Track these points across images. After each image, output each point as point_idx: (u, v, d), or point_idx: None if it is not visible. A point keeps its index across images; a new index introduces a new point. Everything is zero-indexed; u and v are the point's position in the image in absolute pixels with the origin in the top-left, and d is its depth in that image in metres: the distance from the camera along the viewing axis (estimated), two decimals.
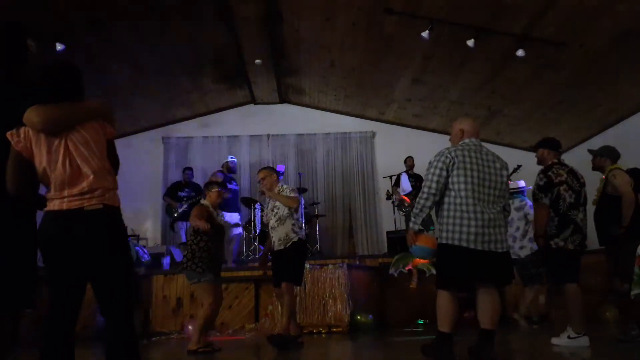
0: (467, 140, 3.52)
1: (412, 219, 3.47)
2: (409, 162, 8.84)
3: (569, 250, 4.09)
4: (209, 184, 5.11)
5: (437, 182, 3.35)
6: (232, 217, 8.09)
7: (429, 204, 3.37)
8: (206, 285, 4.57)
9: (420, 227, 3.49)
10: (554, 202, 4.15)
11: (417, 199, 3.44)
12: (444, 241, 3.36)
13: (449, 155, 3.38)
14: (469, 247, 3.26)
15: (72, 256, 2.10)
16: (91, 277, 2.15)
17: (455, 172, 3.34)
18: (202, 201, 4.95)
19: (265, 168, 5.23)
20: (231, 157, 8.79)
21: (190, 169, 8.97)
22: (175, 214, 8.26)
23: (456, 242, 3.29)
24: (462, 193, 3.30)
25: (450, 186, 3.35)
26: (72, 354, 2.15)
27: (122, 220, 2.24)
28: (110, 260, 2.13)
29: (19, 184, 2.14)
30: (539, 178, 4.23)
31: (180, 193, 8.42)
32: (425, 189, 3.38)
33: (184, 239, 8.08)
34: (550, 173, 4.22)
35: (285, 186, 4.99)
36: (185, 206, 8.18)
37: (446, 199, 3.37)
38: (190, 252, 4.62)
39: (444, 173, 3.35)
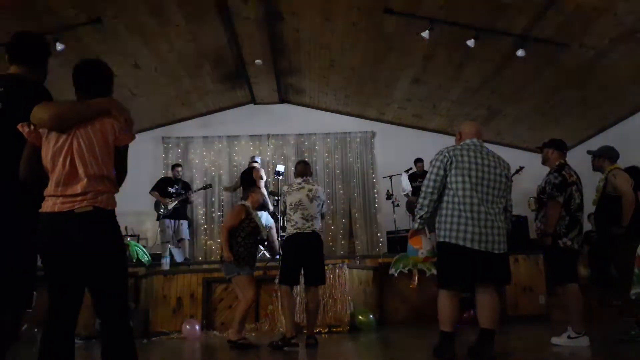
0: (467, 141, 3.56)
1: (416, 217, 3.50)
2: (419, 166, 8.85)
3: (574, 250, 4.12)
4: (251, 185, 5.28)
5: (435, 180, 3.39)
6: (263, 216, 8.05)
7: (426, 202, 3.40)
8: (246, 278, 4.86)
9: (420, 227, 3.51)
10: (567, 201, 4.16)
11: (418, 198, 3.48)
12: (441, 239, 3.38)
13: (447, 155, 3.42)
14: (465, 245, 3.28)
15: (66, 259, 2.10)
16: (86, 279, 2.14)
17: (453, 171, 3.37)
18: (244, 202, 5.21)
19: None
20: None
21: (180, 165, 8.93)
22: (163, 210, 8.24)
23: (453, 241, 3.32)
24: (460, 192, 3.33)
25: (449, 185, 3.38)
26: (71, 356, 2.15)
27: (116, 223, 2.20)
28: (104, 263, 2.12)
29: (28, 172, 2.19)
30: (553, 177, 4.21)
31: (170, 189, 8.39)
32: (424, 188, 3.44)
33: (170, 238, 8.10)
34: (564, 172, 4.22)
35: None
36: (175, 203, 8.18)
37: (445, 198, 3.41)
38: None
39: (442, 172, 3.39)
